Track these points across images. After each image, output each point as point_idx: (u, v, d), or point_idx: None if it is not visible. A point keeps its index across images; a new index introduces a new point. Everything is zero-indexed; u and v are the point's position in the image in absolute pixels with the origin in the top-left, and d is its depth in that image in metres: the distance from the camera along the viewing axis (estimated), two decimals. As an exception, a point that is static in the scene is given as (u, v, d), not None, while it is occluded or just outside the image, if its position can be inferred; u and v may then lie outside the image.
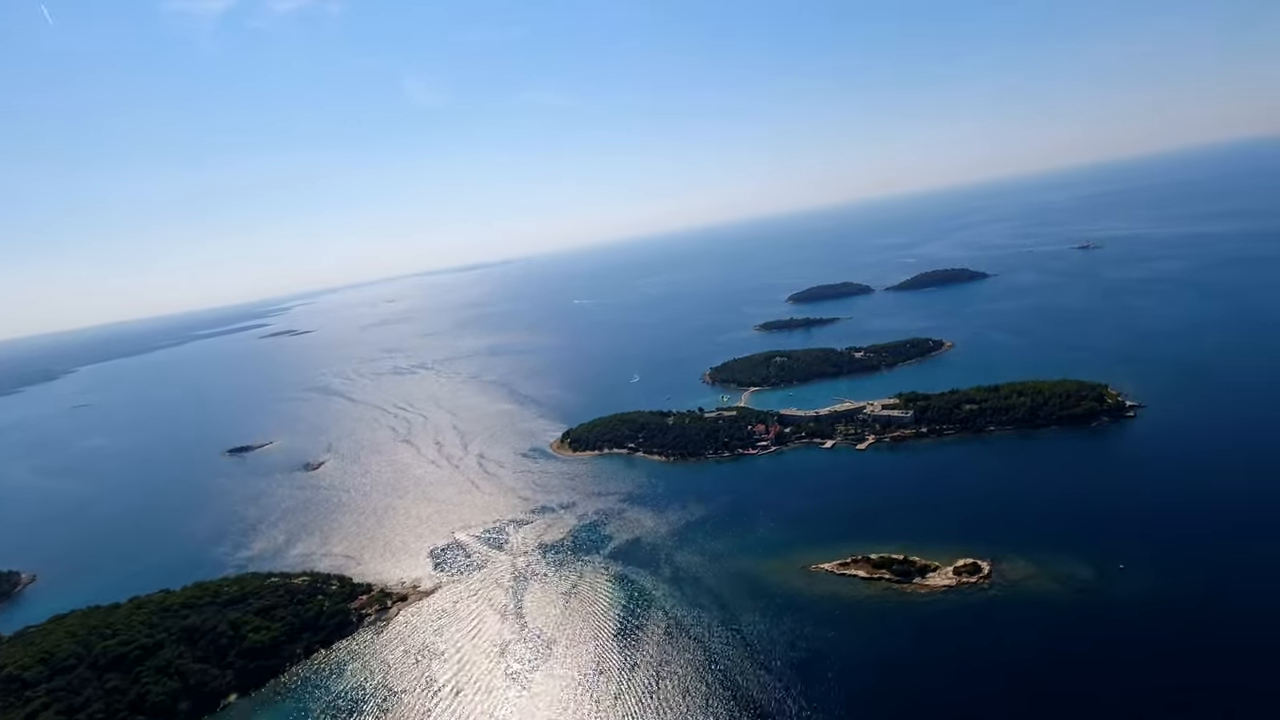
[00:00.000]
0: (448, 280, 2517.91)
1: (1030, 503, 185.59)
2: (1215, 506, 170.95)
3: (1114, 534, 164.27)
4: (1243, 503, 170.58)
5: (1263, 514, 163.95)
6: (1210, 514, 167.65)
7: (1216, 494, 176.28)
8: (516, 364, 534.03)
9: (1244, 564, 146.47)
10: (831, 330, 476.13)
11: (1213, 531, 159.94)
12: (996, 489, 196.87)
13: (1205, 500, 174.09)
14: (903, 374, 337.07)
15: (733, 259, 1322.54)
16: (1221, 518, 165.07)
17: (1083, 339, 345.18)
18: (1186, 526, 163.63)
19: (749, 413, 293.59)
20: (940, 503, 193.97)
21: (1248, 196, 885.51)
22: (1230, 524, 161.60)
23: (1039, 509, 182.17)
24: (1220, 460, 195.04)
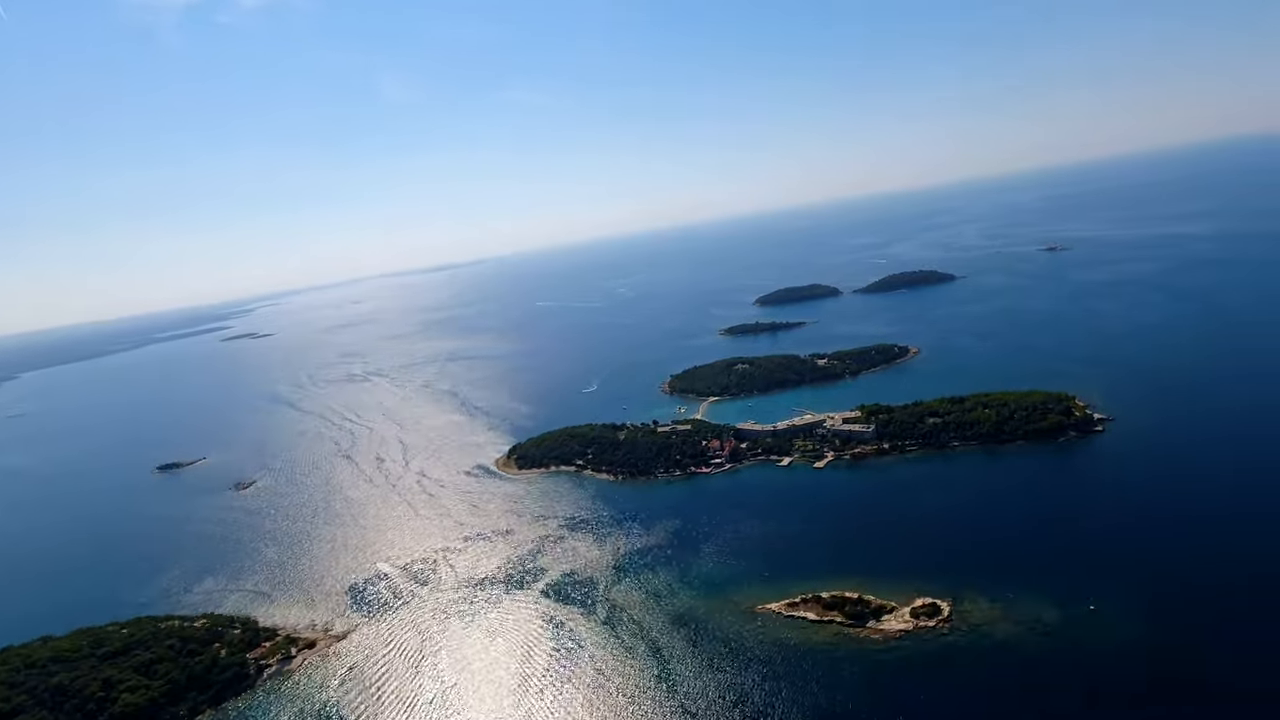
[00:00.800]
0: (418, 281, 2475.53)
1: (994, 529, 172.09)
2: (1187, 532, 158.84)
3: (1082, 566, 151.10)
4: (1214, 527, 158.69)
5: (1234, 539, 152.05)
6: (1183, 541, 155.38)
7: (1188, 519, 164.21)
8: (472, 371, 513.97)
9: (1218, 599, 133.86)
10: (798, 335, 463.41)
11: (1186, 561, 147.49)
12: (959, 514, 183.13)
13: (1176, 526, 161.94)
14: (867, 382, 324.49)
15: (707, 259, 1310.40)
16: (1195, 545, 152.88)
17: (1050, 344, 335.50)
18: (1158, 557, 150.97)
19: (705, 426, 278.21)
20: (900, 530, 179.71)
21: (1216, 196, 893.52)
22: (1203, 553, 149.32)
23: (1003, 537, 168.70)
24: (1191, 479, 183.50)
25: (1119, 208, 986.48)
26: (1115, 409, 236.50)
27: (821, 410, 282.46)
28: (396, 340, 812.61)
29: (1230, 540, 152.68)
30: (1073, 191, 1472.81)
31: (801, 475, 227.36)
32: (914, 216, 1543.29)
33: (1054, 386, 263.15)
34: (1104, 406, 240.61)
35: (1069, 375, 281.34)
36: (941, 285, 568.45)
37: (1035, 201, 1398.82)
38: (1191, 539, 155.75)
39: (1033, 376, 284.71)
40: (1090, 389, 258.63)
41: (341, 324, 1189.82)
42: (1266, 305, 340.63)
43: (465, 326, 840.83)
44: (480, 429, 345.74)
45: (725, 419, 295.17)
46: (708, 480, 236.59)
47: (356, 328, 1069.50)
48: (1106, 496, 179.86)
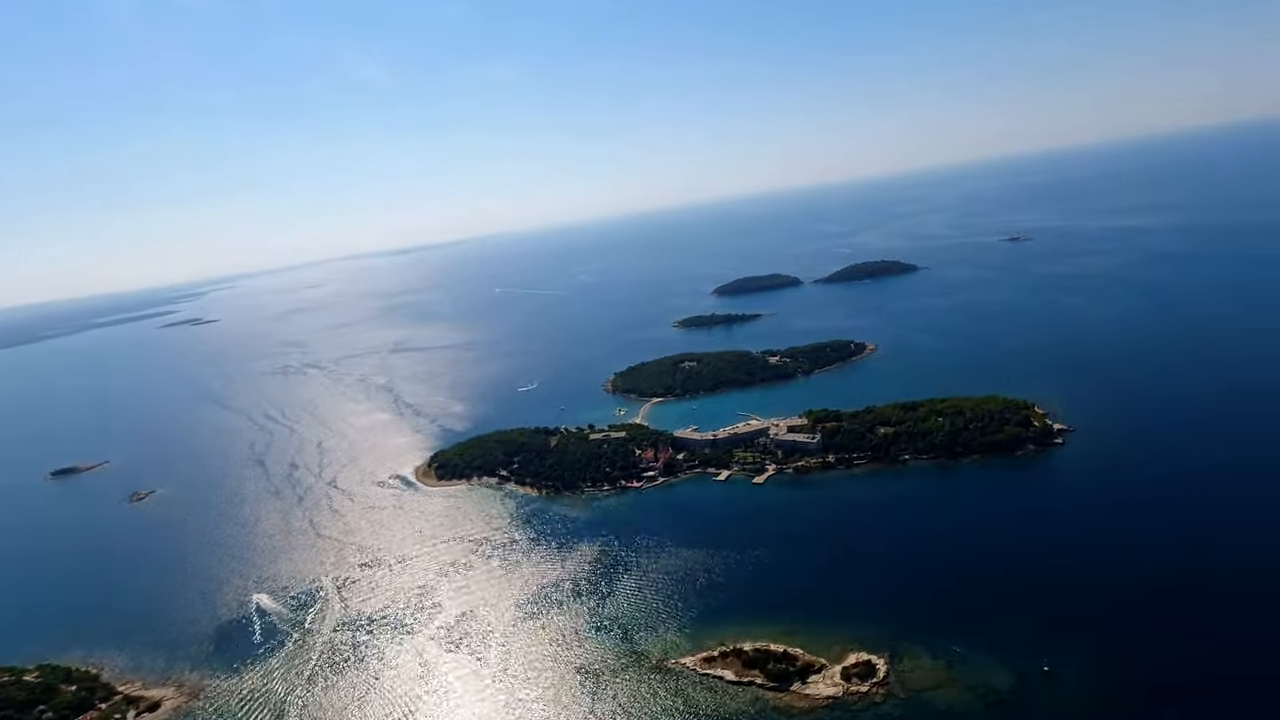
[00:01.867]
0: (382, 264, 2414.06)
1: (942, 565, 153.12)
2: (1150, 565, 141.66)
3: (1037, 613, 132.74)
4: (1178, 559, 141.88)
5: (1201, 577, 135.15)
6: (1145, 580, 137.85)
7: (1151, 551, 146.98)
8: (413, 364, 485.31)
9: (1188, 656, 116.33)
10: (753, 328, 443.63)
11: (1148, 609, 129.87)
12: (905, 544, 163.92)
13: (1138, 560, 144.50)
14: (820, 383, 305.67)
15: (675, 245, 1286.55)
16: (1158, 586, 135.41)
17: (1011, 343, 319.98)
18: (1118, 601, 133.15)
19: (641, 433, 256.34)
20: (839, 563, 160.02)
21: (1174, 189, 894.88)
22: (1169, 595, 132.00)
23: (951, 574, 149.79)
24: (1154, 502, 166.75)
25: (1079, 198, 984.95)
26: (1075, 418, 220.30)
27: (769, 414, 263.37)
28: (343, 329, 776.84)
29: (1195, 578, 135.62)
30: (1037, 181, 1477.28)
31: (738, 492, 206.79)
32: (882, 204, 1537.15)
33: (1013, 390, 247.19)
34: (1063, 415, 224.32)
35: (1029, 378, 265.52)
36: (904, 276, 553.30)
37: (999, 191, 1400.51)
38: (1156, 579, 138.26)
39: (991, 379, 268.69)
40: (1050, 394, 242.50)
41: (291, 309, 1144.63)
42: (1230, 306, 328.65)
43: (418, 314, 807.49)
44: (407, 431, 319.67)
45: (667, 423, 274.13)
46: (638, 496, 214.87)
47: (305, 314, 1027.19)
48: (1063, 526, 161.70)
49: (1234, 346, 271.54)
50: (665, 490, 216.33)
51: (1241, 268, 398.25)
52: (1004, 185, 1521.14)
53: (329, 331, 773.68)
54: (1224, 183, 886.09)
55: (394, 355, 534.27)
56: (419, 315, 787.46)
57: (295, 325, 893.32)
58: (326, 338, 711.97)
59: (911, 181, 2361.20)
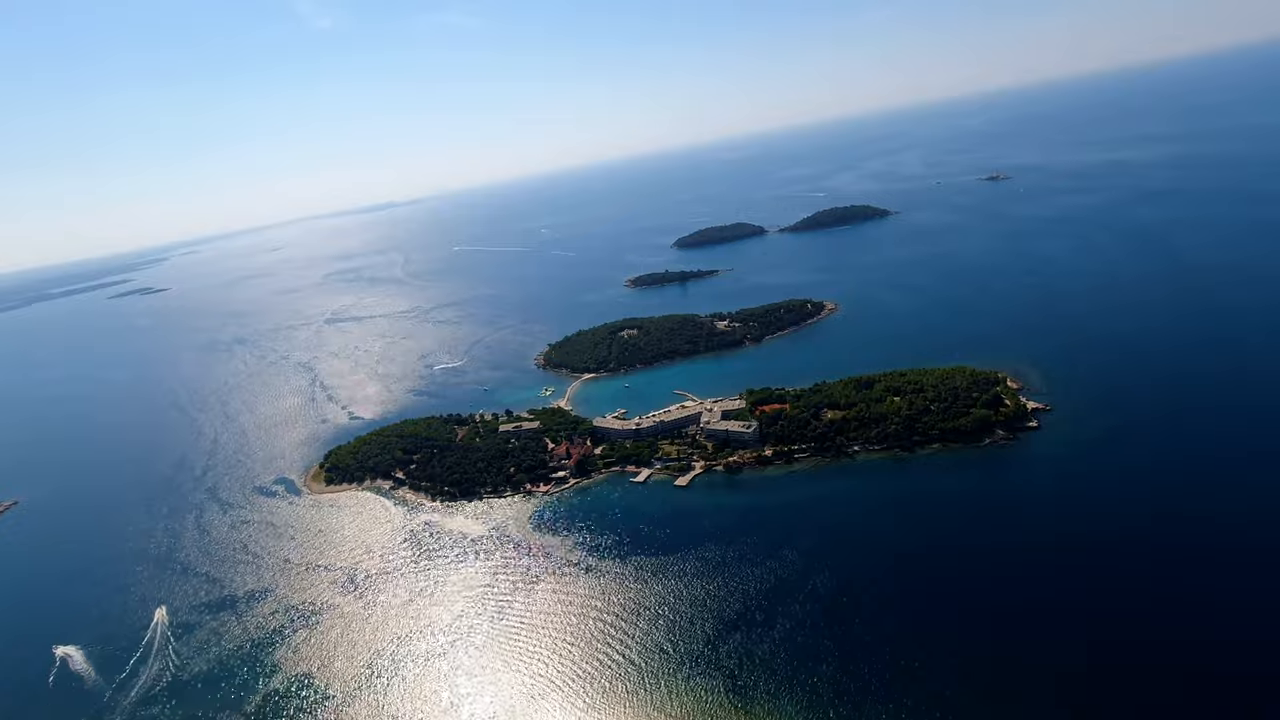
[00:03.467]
0: (347, 223, 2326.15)
1: (883, 620, 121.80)
2: (1141, 610, 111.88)
3: (1001, 698, 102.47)
4: (1163, 593, 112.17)
5: (1213, 626, 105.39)
6: (1129, 632, 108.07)
7: (1140, 589, 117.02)
8: (343, 337, 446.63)
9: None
10: (709, 286, 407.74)
11: (1133, 662, 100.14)
12: (836, 583, 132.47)
13: (1129, 603, 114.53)
14: (770, 351, 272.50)
15: (644, 193, 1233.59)
16: (1153, 642, 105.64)
17: (982, 299, 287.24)
18: (1097, 676, 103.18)
19: (559, 421, 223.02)
20: (751, 610, 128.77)
21: (1163, 119, 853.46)
22: (1155, 649, 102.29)
23: (892, 633, 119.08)
24: (1146, 509, 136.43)
25: (1064, 131, 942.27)
26: (1052, 390, 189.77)
27: (710, 390, 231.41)
28: (290, 295, 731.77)
29: (1195, 633, 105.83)
30: (1021, 114, 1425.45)
31: (657, 498, 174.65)
32: (860, 143, 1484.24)
33: (984, 357, 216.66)
34: (1040, 386, 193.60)
35: (1001, 342, 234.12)
36: (874, 222, 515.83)
37: (984, 125, 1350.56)
38: (1149, 633, 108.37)
39: (960, 343, 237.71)
40: (1025, 360, 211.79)
41: (246, 275, 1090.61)
42: (1223, 251, 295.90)
43: (368, 277, 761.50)
44: (311, 421, 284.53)
45: (595, 404, 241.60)
46: (542, 504, 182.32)
47: (257, 280, 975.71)
48: (1038, 558, 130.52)
49: (1230, 297, 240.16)
50: (574, 496, 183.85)
51: (1233, 205, 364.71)
52: (987, 120, 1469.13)
53: (276, 298, 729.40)
54: (1213, 111, 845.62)
55: (328, 327, 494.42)
56: (369, 279, 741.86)
57: (243, 293, 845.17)
58: (270, 306, 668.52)
59: (892, 118, 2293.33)
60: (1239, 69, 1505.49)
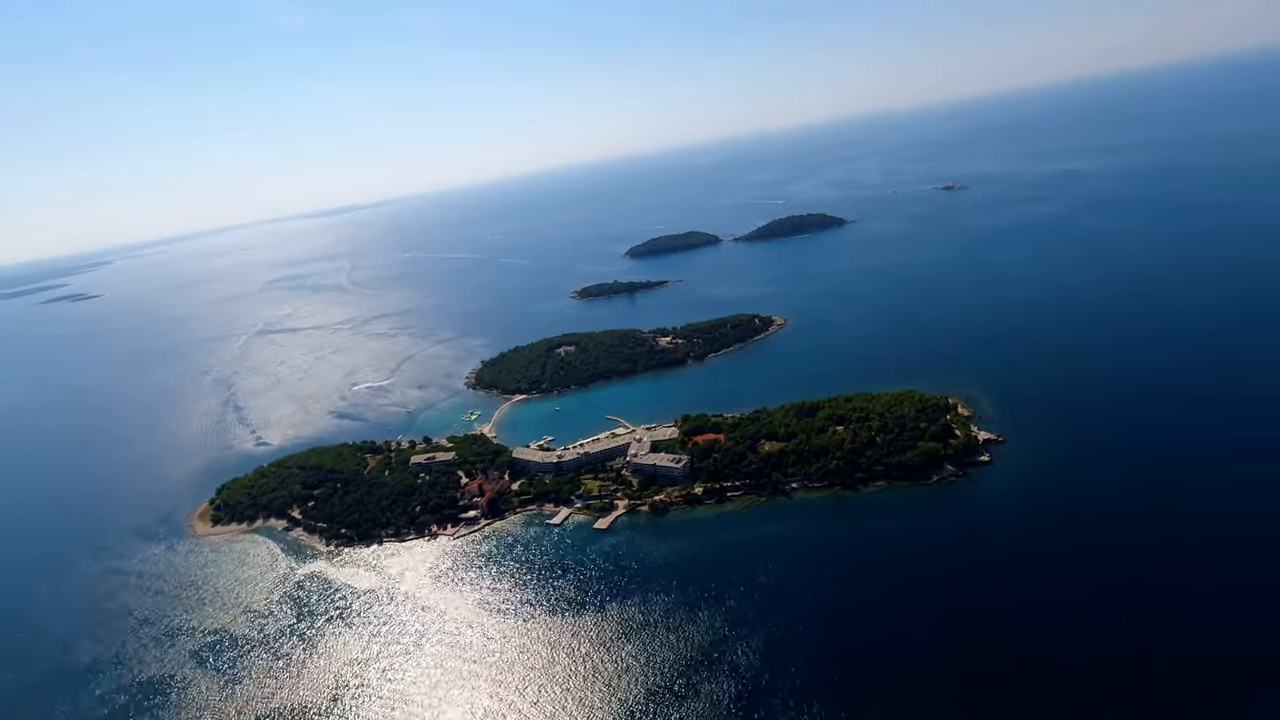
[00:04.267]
0: (309, 226, 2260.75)
1: (808, 701, 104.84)
2: (1107, 686, 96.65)
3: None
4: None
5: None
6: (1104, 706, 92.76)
7: (1104, 657, 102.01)
8: (272, 350, 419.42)
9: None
10: (658, 297, 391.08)
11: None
12: (760, 654, 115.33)
13: (1094, 680, 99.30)
14: (713, 371, 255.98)
15: (604, 198, 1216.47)
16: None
17: (934, 314, 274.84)
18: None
19: (477, 450, 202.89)
20: (661, 689, 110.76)
21: (1120, 129, 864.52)
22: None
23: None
24: (1109, 556, 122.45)
25: (1021, 141, 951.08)
26: (1006, 417, 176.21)
27: (645, 415, 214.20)
28: (228, 304, 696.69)
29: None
30: (985, 124, 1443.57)
31: (573, 543, 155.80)
32: (822, 149, 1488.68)
33: (934, 378, 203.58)
34: (991, 412, 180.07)
35: (954, 361, 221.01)
36: (831, 231, 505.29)
37: (944, 135, 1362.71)
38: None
39: (910, 361, 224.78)
40: (978, 382, 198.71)
41: (189, 281, 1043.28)
42: (1170, 260, 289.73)
43: (312, 285, 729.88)
44: (213, 448, 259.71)
45: (522, 430, 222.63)
46: (445, 549, 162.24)
47: (199, 287, 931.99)
48: (981, 613, 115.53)
49: (1177, 310, 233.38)
50: (483, 540, 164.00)
51: (1176, 217, 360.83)
52: (948, 129, 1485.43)
53: (212, 307, 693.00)
54: (1168, 120, 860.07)
55: (257, 339, 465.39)
56: (311, 287, 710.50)
57: (180, 301, 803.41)
58: (205, 315, 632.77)
59: (859, 125, 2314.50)
60: (1200, 78, 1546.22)
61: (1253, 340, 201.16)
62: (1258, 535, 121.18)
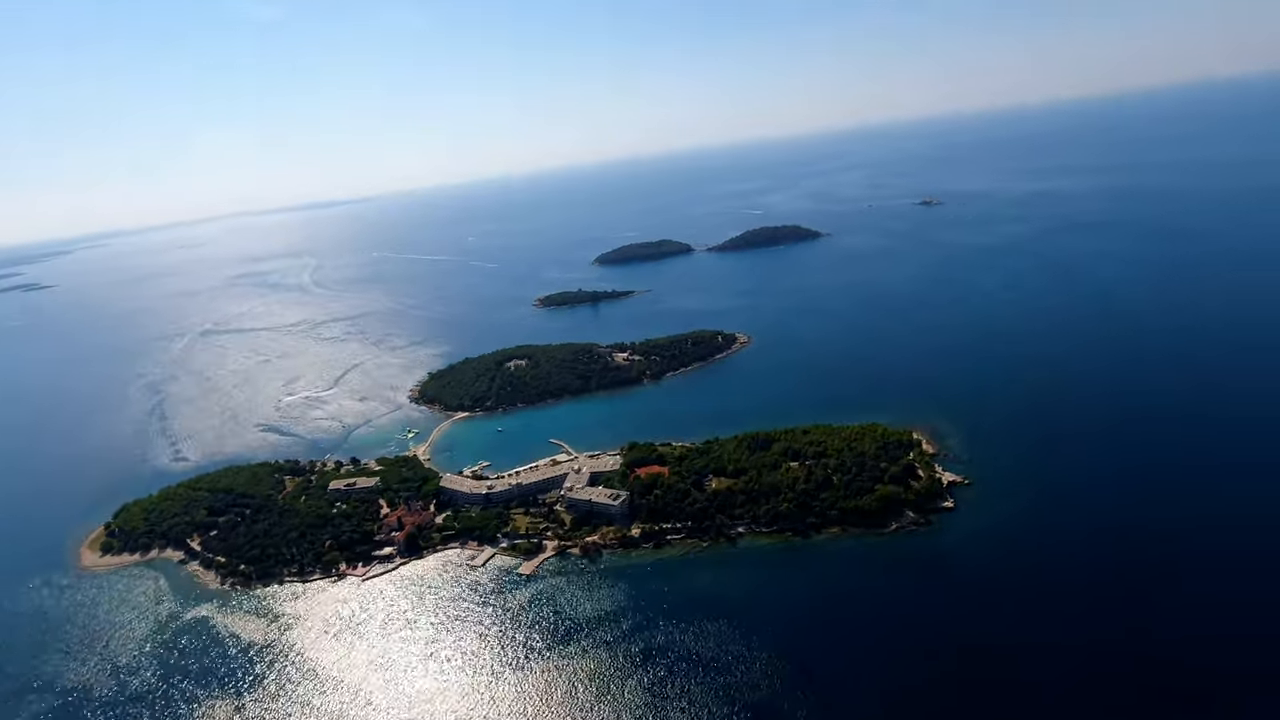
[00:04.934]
0: (280, 221, 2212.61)
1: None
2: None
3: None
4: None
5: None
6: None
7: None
8: (213, 353, 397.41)
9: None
10: (622, 308, 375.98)
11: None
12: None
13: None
14: (669, 391, 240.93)
15: (590, 203, 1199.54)
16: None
17: (902, 333, 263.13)
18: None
19: (404, 475, 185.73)
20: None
21: (1106, 151, 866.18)
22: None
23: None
24: (1077, 634, 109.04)
25: (1000, 159, 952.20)
26: (974, 456, 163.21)
27: (591, 439, 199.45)
28: (184, 300, 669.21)
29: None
30: (978, 139, 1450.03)
31: (492, 591, 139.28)
32: (806, 160, 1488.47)
33: (899, 408, 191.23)
34: (958, 450, 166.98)
35: (919, 387, 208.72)
36: (805, 244, 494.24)
37: (929, 150, 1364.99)
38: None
39: (876, 389, 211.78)
40: (943, 413, 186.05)
41: (148, 274, 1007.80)
42: (1147, 284, 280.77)
43: (272, 283, 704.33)
44: (128, 460, 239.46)
45: (461, 451, 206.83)
46: (350, 594, 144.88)
47: (158, 280, 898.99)
48: (936, 702, 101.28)
49: (1162, 330, 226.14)
50: (395, 583, 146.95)
51: (1160, 241, 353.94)
52: (937, 144, 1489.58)
53: (167, 302, 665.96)
54: (1161, 143, 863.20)
55: (202, 340, 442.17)
56: (271, 285, 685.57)
57: (135, 295, 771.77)
58: (157, 311, 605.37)
59: (844, 138, 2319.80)
60: (1202, 100, 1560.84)
61: (1232, 365, 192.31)
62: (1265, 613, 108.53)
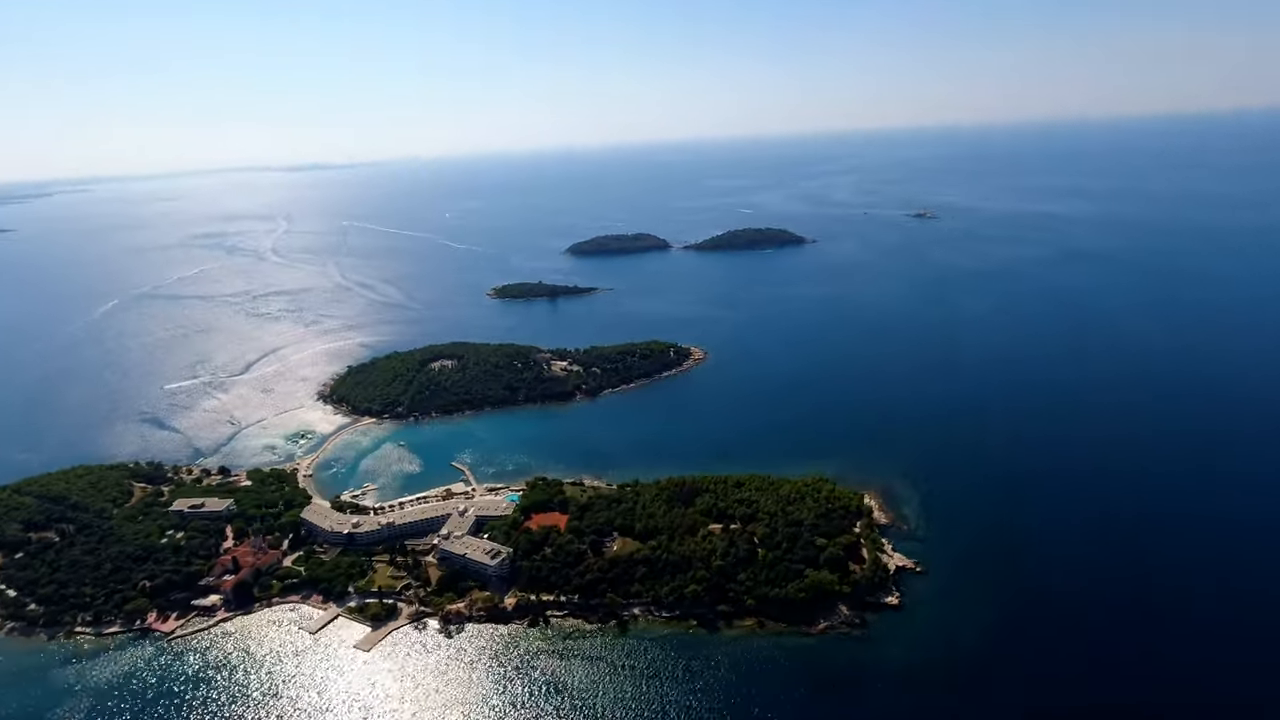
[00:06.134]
0: (265, 180, 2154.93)
1: None
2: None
3: None
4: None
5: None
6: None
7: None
8: (133, 321, 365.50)
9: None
10: (581, 305, 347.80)
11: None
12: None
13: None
14: (602, 411, 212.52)
15: (582, 185, 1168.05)
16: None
17: (873, 364, 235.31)
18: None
19: (275, 495, 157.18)
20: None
21: (1102, 174, 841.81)
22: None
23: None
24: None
25: (1001, 175, 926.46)
26: (931, 534, 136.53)
27: (500, 463, 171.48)
28: (138, 256, 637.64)
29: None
30: (978, 151, 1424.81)
31: (312, 674, 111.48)
32: (807, 159, 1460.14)
33: (855, 457, 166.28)
34: (914, 521, 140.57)
35: (882, 434, 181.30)
36: (788, 249, 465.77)
37: (929, 159, 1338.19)
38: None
39: (831, 430, 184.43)
40: (903, 470, 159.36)
41: (117, 225, 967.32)
42: (1153, 338, 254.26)
43: (230, 245, 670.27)
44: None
45: (355, 466, 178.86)
46: (138, 661, 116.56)
47: (123, 233, 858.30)
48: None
49: (1158, 384, 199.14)
50: (200, 647, 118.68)
51: (1165, 282, 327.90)
52: (935, 154, 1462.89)
53: (121, 257, 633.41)
54: (1156, 173, 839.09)
55: (131, 304, 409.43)
56: (229, 248, 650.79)
57: (94, 247, 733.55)
58: (108, 267, 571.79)
59: (850, 139, 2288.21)
60: (1222, 131, 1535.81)
61: (1233, 433, 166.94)
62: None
